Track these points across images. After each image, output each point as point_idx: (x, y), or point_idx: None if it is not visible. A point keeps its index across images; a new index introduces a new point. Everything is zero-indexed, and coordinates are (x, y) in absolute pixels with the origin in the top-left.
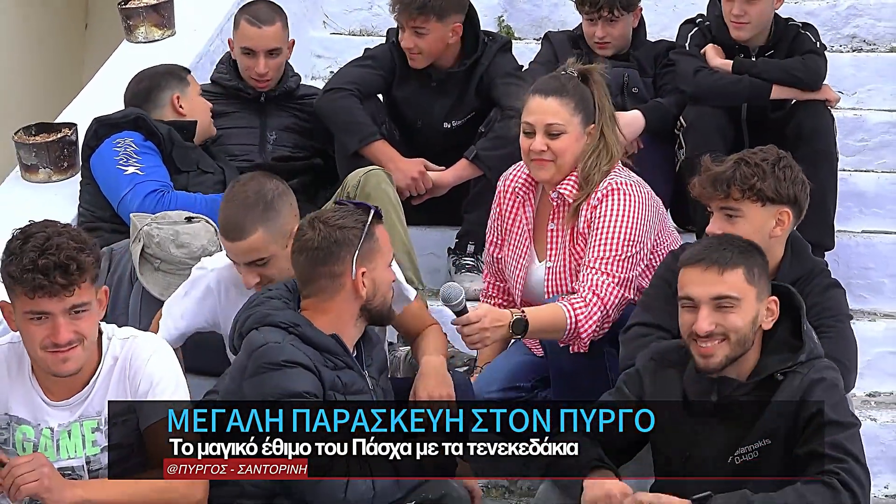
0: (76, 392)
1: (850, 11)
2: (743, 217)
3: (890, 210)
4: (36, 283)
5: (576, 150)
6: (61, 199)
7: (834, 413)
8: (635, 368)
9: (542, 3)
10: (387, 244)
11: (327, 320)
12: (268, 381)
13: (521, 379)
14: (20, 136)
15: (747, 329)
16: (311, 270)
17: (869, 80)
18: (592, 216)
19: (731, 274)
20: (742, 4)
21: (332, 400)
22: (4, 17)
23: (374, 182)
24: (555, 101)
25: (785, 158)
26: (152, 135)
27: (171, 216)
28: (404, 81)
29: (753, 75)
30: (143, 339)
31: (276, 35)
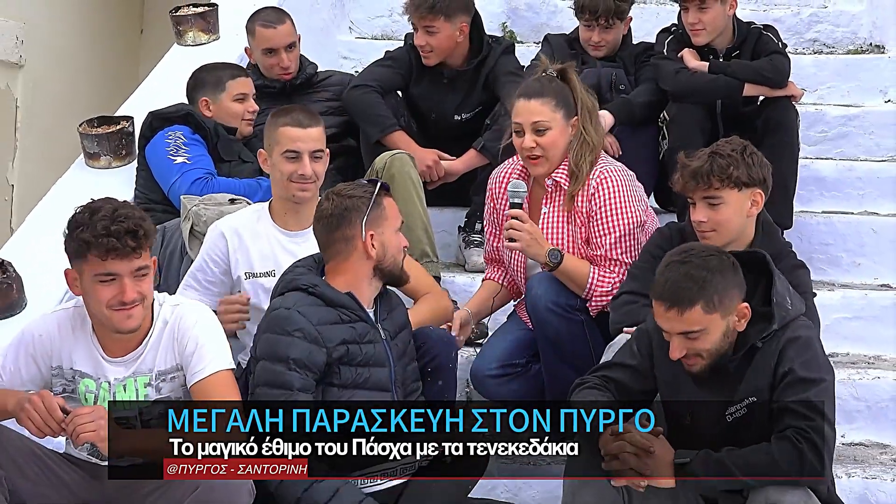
0: (131, 350)
1: (812, 18)
2: (724, 203)
3: (846, 193)
4: (109, 245)
5: (562, 142)
6: (119, 183)
7: (803, 370)
8: (644, 327)
9: (542, 11)
10: (394, 212)
11: (344, 280)
12: (266, 342)
13: (516, 356)
14: (84, 128)
15: (717, 344)
16: (328, 236)
17: (828, 79)
18: (592, 205)
19: (690, 313)
20: (696, 13)
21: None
22: (71, 25)
23: (398, 164)
24: (537, 102)
25: (749, 146)
26: (200, 128)
27: (216, 198)
28: (420, 79)
29: (728, 75)
30: (190, 306)
31: (289, 31)
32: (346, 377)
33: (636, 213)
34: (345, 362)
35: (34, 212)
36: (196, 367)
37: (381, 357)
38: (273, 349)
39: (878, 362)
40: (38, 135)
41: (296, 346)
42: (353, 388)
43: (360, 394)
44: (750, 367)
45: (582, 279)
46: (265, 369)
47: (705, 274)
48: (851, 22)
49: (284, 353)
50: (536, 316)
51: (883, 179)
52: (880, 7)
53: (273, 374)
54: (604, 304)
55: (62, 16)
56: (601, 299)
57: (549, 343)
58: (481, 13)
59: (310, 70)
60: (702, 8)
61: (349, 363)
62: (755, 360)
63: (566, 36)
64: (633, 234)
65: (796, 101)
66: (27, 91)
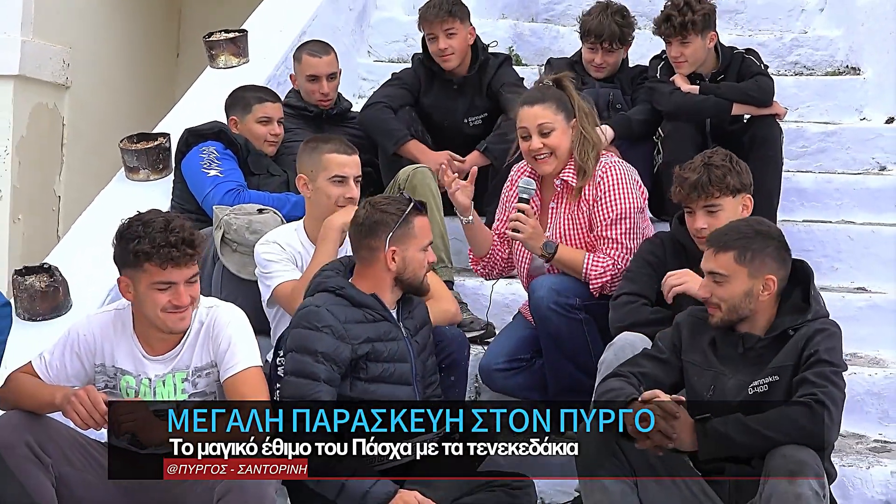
0: (170, 349)
1: (794, 42)
2: (722, 209)
3: (825, 203)
4: (170, 255)
5: (566, 142)
6: (157, 194)
7: (826, 354)
8: (675, 324)
9: (545, 36)
10: (423, 231)
11: (368, 283)
12: (298, 335)
13: (521, 352)
14: (125, 144)
15: (736, 300)
16: (358, 241)
17: (808, 98)
18: (597, 191)
19: (723, 256)
20: (678, 47)
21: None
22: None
23: (419, 177)
24: (539, 107)
25: (732, 155)
26: (231, 144)
27: (245, 208)
28: (429, 90)
29: (717, 96)
30: (224, 307)
31: (332, 62)
32: (372, 372)
33: (636, 199)
34: (371, 358)
35: (79, 221)
36: (229, 364)
37: (403, 353)
38: (303, 342)
39: (854, 359)
40: (82, 150)
41: (324, 340)
42: (378, 381)
43: (384, 387)
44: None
45: (577, 265)
46: (294, 360)
47: (749, 232)
48: (829, 46)
49: (313, 347)
50: (539, 315)
51: (859, 191)
52: (856, 33)
53: (301, 364)
54: (601, 286)
55: (105, 41)
56: (598, 280)
57: (550, 340)
58: (489, 38)
59: (345, 105)
60: (683, 42)
61: (375, 359)
62: (786, 346)
63: (567, 59)
64: (632, 217)
65: (780, 118)
66: (73, 110)
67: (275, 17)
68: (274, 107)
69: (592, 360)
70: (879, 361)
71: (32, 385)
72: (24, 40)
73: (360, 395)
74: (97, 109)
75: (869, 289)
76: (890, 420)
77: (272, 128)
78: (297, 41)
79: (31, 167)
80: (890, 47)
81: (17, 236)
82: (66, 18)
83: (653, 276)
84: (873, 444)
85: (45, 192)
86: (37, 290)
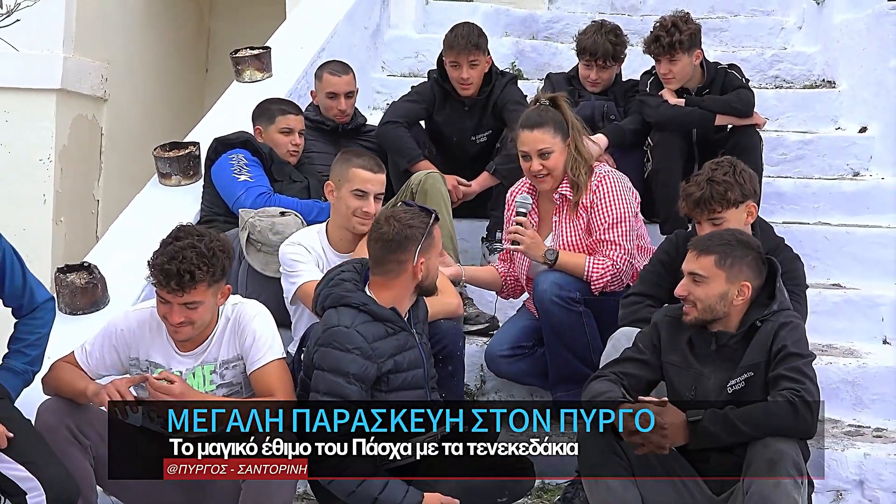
0: (199, 344)
1: (774, 58)
2: (726, 221)
3: (803, 206)
4: (158, 280)
5: (562, 161)
6: (188, 198)
7: (794, 347)
8: (652, 324)
9: (545, 52)
10: (439, 240)
11: (389, 295)
12: (330, 356)
13: (524, 340)
14: (158, 152)
15: (711, 301)
16: (384, 256)
17: (787, 109)
18: (594, 199)
19: (704, 258)
20: (667, 65)
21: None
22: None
23: (430, 182)
24: (539, 132)
25: (737, 164)
26: (257, 152)
27: (269, 211)
28: (442, 108)
29: (702, 108)
30: (249, 304)
31: (351, 81)
32: (392, 383)
33: (629, 204)
34: (393, 371)
35: (116, 223)
36: (254, 357)
37: (417, 360)
38: (335, 364)
39: (830, 350)
40: (119, 158)
41: (355, 362)
42: (397, 390)
43: (401, 395)
44: (749, 346)
45: (579, 269)
46: (326, 380)
47: (732, 240)
48: (807, 61)
49: (345, 369)
50: (542, 307)
51: (834, 195)
52: (831, 49)
53: (334, 384)
54: (603, 285)
55: (140, 58)
56: (599, 282)
57: (551, 330)
58: (494, 54)
59: (360, 120)
60: (672, 60)
61: (395, 371)
62: (753, 340)
63: (565, 74)
64: (627, 220)
65: (760, 128)
66: (110, 121)
67: (296, 35)
68: (296, 119)
69: (590, 350)
70: (853, 352)
71: (69, 375)
72: (65, 57)
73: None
74: (133, 120)
75: (844, 285)
76: (863, 406)
77: (293, 138)
78: (316, 57)
79: (72, 174)
80: (863, 62)
81: (59, 237)
82: (104, 37)
83: (663, 274)
84: (848, 428)
85: (85, 196)
86: (77, 286)
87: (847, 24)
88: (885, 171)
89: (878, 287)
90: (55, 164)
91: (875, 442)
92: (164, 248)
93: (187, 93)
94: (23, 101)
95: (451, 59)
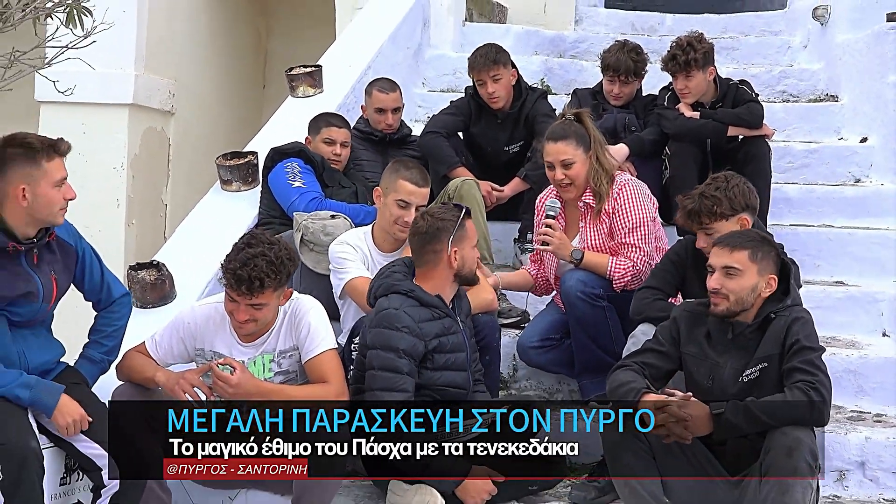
0: (259, 336)
1: (782, 74)
2: (717, 232)
3: (808, 210)
4: (229, 283)
5: (584, 171)
6: (247, 203)
7: (807, 341)
8: (672, 318)
9: (571, 69)
10: (472, 232)
11: (432, 284)
12: (382, 335)
13: (552, 332)
14: (220, 160)
15: (744, 293)
16: (421, 248)
17: (794, 121)
18: (616, 205)
19: (738, 253)
20: (683, 81)
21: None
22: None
23: (466, 188)
24: (562, 143)
25: (732, 178)
26: (310, 161)
27: (320, 214)
28: (478, 121)
29: (715, 120)
30: (304, 299)
31: (398, 98)
32: (437, 362)
33: (648, 210)
34: (438, 350)
35: (182, 225)
36: (309, 348)
37: (460, 343)
38: (386, 341)
39: (833, 342)
40: (185, 166)
41: (404, 339)
42: (442, 369)
43: (447, 374)
44: (763, 338)
45: (602, 268)
46: (379, 356)
47: (758, 237)
48: (812, 77)
49: (396, 345)
50: (568, 302)
51: (837, 199)
52: (834, 66)
53: (386, 360)
54: (625, 284)
55: (204, 75)
56: (621, 281)
57: (577, 323)
58: (525, 72)
59: (405, 131)
60: (687, 77)
61: (440, 350)
62: (767, 332)
63: (590, 89)
64: (646, 224)
65: (769, 138)
66: (177, 133)
67: (345, 54)
68: (339, 131)
69: (612, 341)
70: (855, 344)
71: (140, 363)
72: (136, 75)
73: (427, 382)
74: (197, 132)
75: (846, 282)
76: (864, 394)
77: (334, 148)
78: (363, 74)
79: (143, 180)
80: (863, 78)
81: (131, 238)
82: (171, 56)
83: (674, 272)
84: (850, 413)
85: (154, 200)
86: (147, 282)
87: (849, 44)
88: (884, 178)
89: (878, 284)
90: (127, 171)
91: (875, 426)
92: (237, 254)
93: (246, 107)
94: (99, 115)
95: (476, 78)
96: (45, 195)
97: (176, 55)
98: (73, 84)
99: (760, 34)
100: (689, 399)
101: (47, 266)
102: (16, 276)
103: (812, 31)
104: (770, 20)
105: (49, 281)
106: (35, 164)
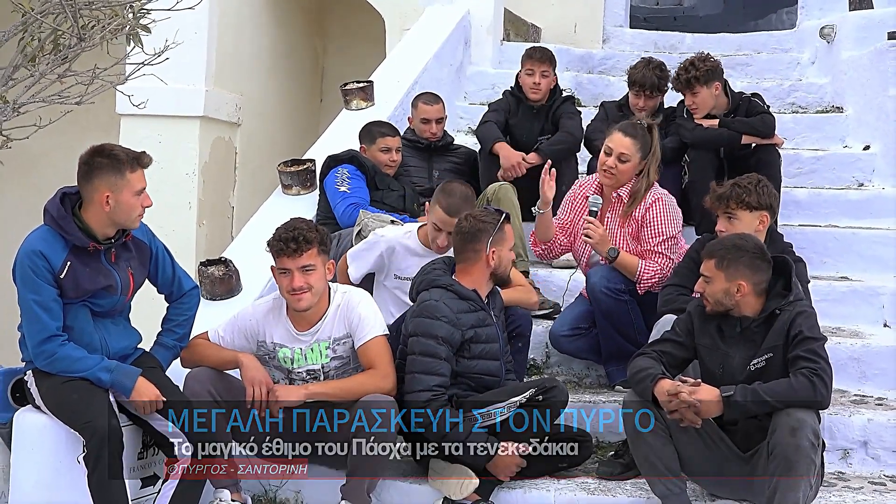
0: (314, 325)
1: (791, 87)
2: (738, 219)
3: (816, 212)
4: (278, 247)
5: (632, 172)
6: (305, 205)
7: (809, 332)
8: (687, 313)
9: (599, 84)
10: (510, 235)
11: (470, 280)
12: (422, 324)
13: (581, 322)
14: (281, 167)
15: (717, 296)
16: (463, 246)
17: (803, 131)
18: (647, 215)
19: (707, 262)
20: (690, 97)
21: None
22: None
23: (503, 191)
24: (628, 139)
25: (763, 180)
26: (362, 166)
27: (382, 217)
28: (515, 115)
29: (730, 130)
30: (355, 291)
31: (441, 110)
32: (473, 351)
33: (677, 224)
34: (473, 340)
35: (247, 225)
36: (361, 334)
37: (494, 335)
38: (426, 329)
39: (838, 332)
40: (250, 172)
41: (443, 327)
42: (477, 358)
43: (481, 363)
44: (769, 331)
45: (632, 269)
46: (420, 343)
47: (729, 245)
48: (819, 90)
49: (435, 332)
50: (594, 296)
51: (841, 202)
52: (840, 80)
53: (426, 346)
54: (650, 286)
55: (267, 90)
56: (647, 282)
57: (602, 315)
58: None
59: (448, 139)
60: (693, 93)
61: (476, 341)
62: (773, 325)
63: (616, 102)
64: (673, 236)
65: (779, 146)
66: (243, 142)
67: (394, 70)
68: (393, 140)
69: (635, 332)
70: (858, 334)
71: (214, 348)
72: (206, 90)
73: (463, 370)
74: (260, 141)
75: (850, 277)
76: (867, 379)
77: (391, 155)
78: (410, 89)
79: (212, 185)
80: (867, 91)
81: (201, 237)
82: (237, 73)
83: (693, 269)
84: (853, 397)
85: (222, 203)
86: (216, 277)
87: (853, 60)
88: (886, 183)
89: (880, 279)
90: (198, 177)
91: (877, 409)
92: (279, 228)
93: (305, 119)
94: (172, 127)
95: (528, 67)
96: (126, 202)
97: (242, 72)
98: (146, 98)
99: (772, 51)
100: (700, 385)
101: (124, 262)
102: (97, 272)
103: (819, 49)
104: (781, 39)
105: (126, 276)
106: (120, 174)
